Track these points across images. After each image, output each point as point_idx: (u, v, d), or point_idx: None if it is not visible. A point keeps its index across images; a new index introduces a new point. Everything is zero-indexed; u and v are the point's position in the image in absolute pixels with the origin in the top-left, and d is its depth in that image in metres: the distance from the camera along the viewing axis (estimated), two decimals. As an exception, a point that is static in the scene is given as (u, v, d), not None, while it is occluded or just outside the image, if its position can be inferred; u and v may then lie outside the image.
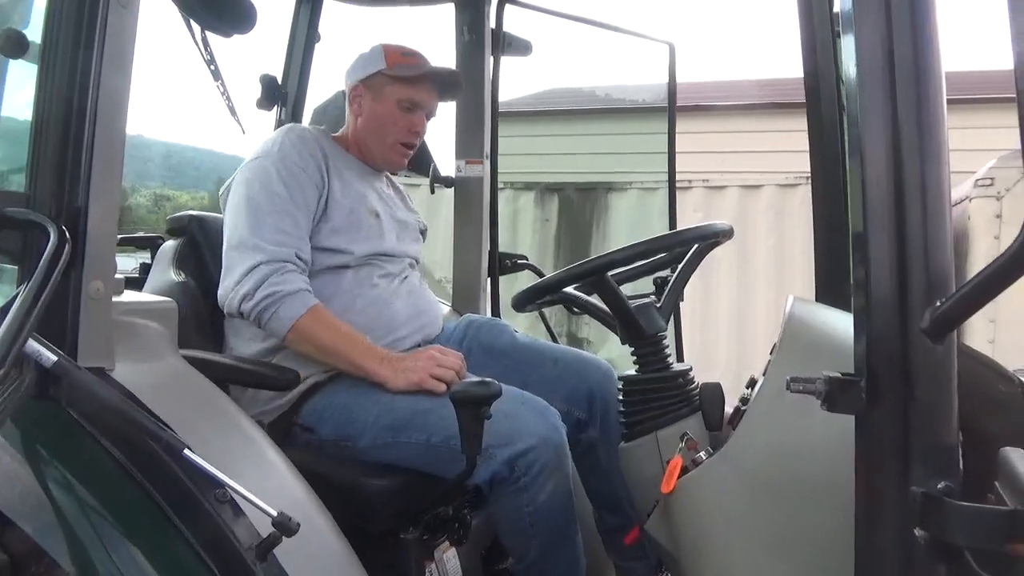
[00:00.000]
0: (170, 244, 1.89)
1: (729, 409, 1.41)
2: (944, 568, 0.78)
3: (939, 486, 0.78)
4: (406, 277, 1.86)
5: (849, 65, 0.84)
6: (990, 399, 1.02)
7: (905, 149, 0.80)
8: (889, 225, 0.81)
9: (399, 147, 1.88)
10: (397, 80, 1.82)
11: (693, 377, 1.48)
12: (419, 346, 1.75)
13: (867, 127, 0.81)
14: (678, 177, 2.90)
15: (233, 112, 2.09)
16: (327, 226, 1.72)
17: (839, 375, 0.85)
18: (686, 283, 1.61)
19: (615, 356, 1.57)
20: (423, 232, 2.05)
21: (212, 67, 2.16)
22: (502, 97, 2.47)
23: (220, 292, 1.64)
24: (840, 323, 1.21)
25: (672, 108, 2.77)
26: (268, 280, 1.58)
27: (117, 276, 1.31)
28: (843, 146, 1.72)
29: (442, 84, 1.88)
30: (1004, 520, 0.69)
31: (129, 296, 1.43)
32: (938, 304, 0.78)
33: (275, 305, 1.57)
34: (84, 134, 1.16)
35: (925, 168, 0.80)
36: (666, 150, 2.82)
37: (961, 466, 0.84)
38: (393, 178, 2.06)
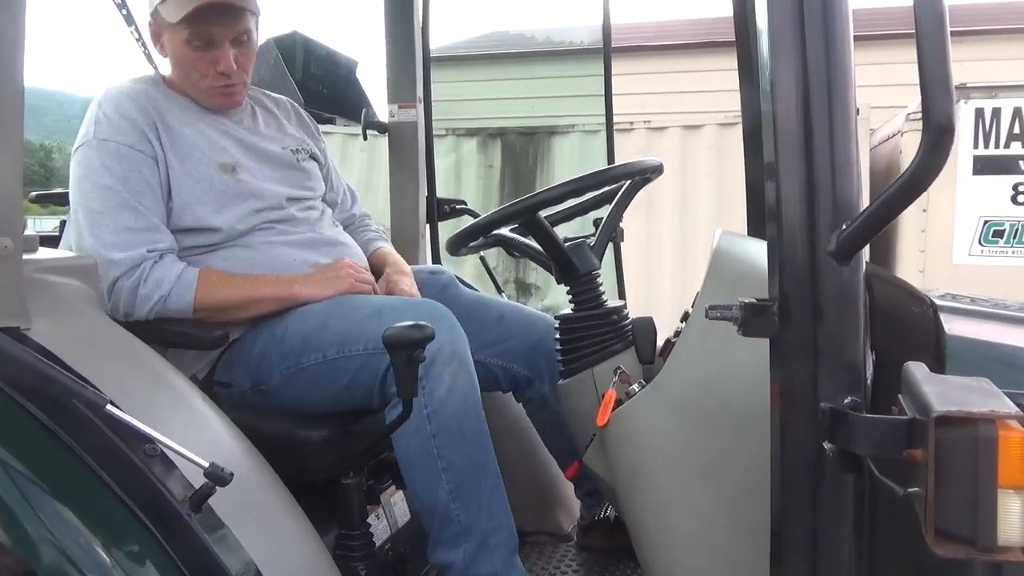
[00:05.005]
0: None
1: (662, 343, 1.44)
2: (850, 477, 0.83)
3: (846, 401, 0.82)
4: (313, 222, 1.69)
5: (760, 5, 0.85)
6: (902, 319, 1.06)
7: (813, 83, 0.83)
8: (799, 156, 0.84)
9: (217, 89, 1.61)
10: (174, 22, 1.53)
11: (627, 313, 1.51)
12: None
13: (777, 64, 0.84)
14: (619, 119, 2.89)
15: (150, 59, 2.00)
16: (178, 202, 1.54)
17: (754, 301, 0.87)
18: (619, 221, 1.63)
19: (563, 302, 1.58)
20: (316, 156, 1.80)
21: (124, 11, 2.06)
22: (438, 43, 2.40)
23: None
24: (764, 253, 1.24)
25: (607, 48, 2.73)
26: (138, 294, 1.46)
27: (28, 233, 1.26)
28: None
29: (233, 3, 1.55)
30: (902, 429, 0.73)
31: (45, 253, 1.38)
32: (843, 228, 0.81)
33: (164, 307, 1.48)
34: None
35: (832, 102, 0.84)
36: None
37: (870, 382, 0.88)
38: (258, 96, 1.79)
